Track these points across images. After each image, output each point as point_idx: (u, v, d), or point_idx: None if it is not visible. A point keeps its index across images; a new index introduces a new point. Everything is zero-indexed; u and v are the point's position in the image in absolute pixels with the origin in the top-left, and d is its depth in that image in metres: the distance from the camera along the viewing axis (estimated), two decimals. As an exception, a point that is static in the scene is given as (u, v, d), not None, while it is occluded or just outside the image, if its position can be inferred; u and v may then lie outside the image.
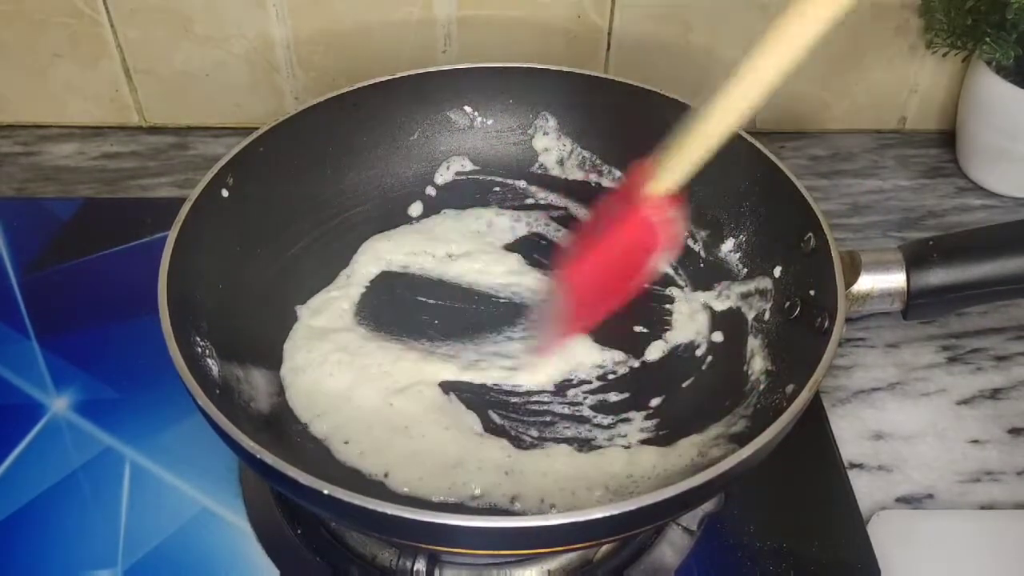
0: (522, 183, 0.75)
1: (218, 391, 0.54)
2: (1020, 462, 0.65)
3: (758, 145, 0.65)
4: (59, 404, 0.66)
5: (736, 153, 0.65)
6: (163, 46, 0.85)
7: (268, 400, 0.59)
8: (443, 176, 0.75)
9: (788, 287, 0.62)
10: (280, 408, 0.60)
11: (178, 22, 0.83)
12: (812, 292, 0.59)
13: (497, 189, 0.75)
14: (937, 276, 0.58)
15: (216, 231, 0.61)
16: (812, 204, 0.59)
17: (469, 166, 0.76)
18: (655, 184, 0.53)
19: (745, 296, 0.65)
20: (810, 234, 0.60)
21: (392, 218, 0.73)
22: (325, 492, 0.44)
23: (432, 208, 0.74)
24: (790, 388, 0.55)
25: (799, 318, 0.60)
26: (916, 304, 0.59)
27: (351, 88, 0.70)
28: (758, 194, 0.67)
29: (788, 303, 0.61)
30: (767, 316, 0.63)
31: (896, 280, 0.59)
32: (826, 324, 0.55)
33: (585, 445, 0.59)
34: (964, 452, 0.66)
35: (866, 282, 0.59)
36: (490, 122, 0.75)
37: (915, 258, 0.59)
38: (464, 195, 0.75)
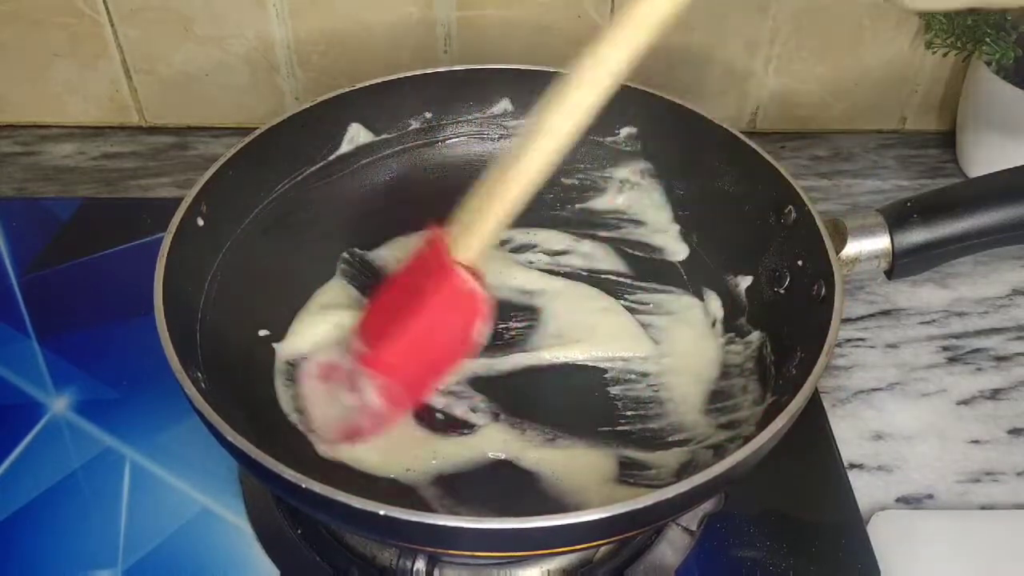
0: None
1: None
2: (1020, 462, 0.65)
3: (734, 131, 0.66)
4: (59, 404, 0.66)
5: (706, 143, 0.67)
6: (163, 46, 0.85)
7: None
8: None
9: (774, 263, 0.63)
10: (277, 409, 0.60)
11: (178, 22, 0.83)
12: (800, 262, 0.59)
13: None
14: (919, 235, 0.60)
15: (215, 230, 0.61)
16: (787, 177, 0.60)
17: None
18: (458, 251, 0.51)
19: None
20: (790, 206, 0.60)
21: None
22: (323, 494, 0.44)
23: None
24: (795, 362, 0.56)
25: (790, 291, 0.61)
26: (902, 263, 0.61)
27: (351, 88, 0.70)
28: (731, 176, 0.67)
29: (777, 275, 0.62)
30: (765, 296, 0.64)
31: (881, 242, 0.60)
32: (823, 291, 0.56)
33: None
34: (964, 452, 0.66)
35: (853, 247, 0.60)
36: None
37: (896, 219, 0.60)
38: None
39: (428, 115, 0.74)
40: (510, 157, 0.48)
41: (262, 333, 0.63)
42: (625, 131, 0.73)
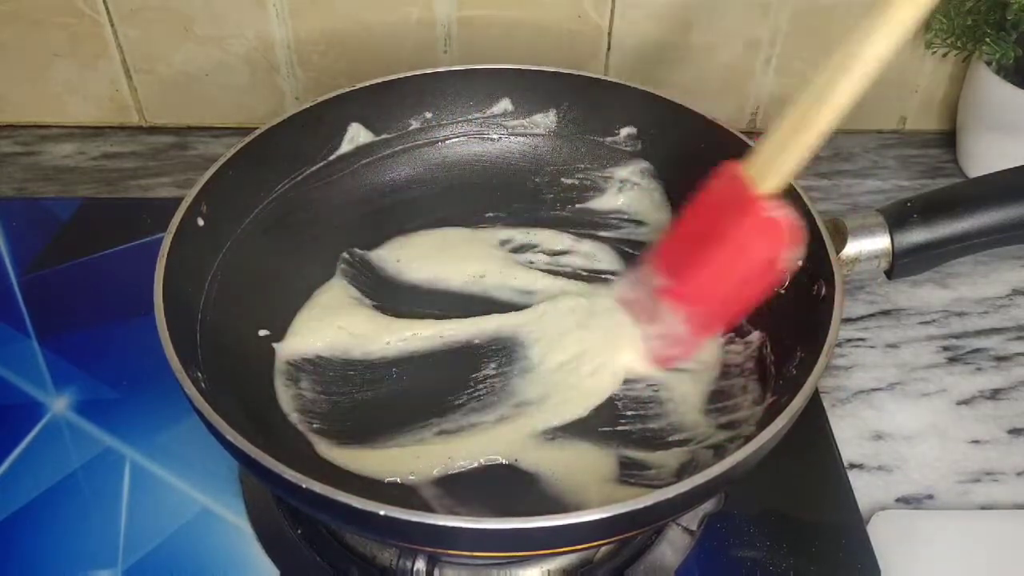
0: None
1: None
2: (1020, 462, 0.65)
3: (734, 131, 0.66)
4: (59, 404, 0.66)
5: (706, 143, 0.67)
6: (163, 46, 0.85)
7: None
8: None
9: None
10: (277, 409, 0.60)
11: (178, 22, 0.83)
12: (800, 262, 0.59)
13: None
14: (920, 234, 0.60)
15: (215, 230, 0.61)
16: None
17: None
18: (761, 183, 0.52)
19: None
20: None
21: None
22: (323, 494, 0.44)
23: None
24: (795, 362, 0.56)
25: (790, 291, 0.60)
26: (902, 263, 0.61)
27: (351, 88, 0.70)
28: None
29: None
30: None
31: (881, 242, 0.61)
32: (823, 291, 0.56)
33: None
34: (964, 452, 0.66)
35: (853, 247, 0.61)
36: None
37: (897, 219, 0.61)
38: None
39: (428, 115, 0.74)
40: (813, 89, 0.49)
41: (262, 333, 0.63)
42: (625, 131, 0.73)
